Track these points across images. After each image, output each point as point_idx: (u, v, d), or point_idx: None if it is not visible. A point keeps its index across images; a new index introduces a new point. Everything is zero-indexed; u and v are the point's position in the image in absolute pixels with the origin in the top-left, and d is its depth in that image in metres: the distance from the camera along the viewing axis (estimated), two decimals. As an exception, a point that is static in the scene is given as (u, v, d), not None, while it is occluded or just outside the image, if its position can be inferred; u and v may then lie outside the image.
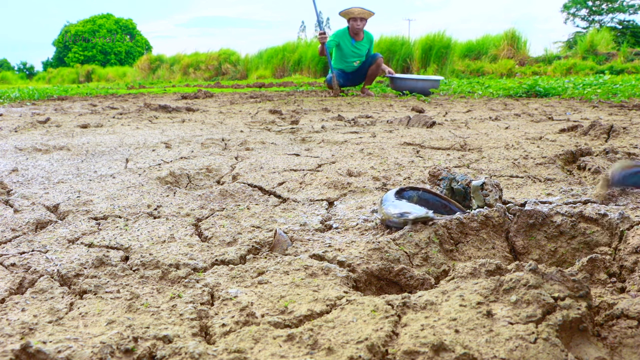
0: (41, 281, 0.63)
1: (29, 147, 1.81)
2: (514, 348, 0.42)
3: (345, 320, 0.50)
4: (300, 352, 0.45)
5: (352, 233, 0.80)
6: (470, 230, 0.79)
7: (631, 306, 0.49)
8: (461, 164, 1.38)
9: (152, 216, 0.94)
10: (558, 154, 1.40)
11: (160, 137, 2.18)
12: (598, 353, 0.45)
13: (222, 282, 0.62)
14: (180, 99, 5.14)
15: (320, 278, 0.62)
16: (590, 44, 9.85)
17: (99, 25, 39.76)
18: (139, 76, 15.61)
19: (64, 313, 0.55)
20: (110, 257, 0.70)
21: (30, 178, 1.30)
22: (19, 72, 40.08)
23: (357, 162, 1.41)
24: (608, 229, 0.75)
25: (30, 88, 8.12)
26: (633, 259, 0.62)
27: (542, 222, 0.80)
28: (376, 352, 0.44)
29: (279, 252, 0.73)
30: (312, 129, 2.55)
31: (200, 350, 0.45)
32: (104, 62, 35.53)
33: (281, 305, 0.54)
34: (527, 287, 0.49)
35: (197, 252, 0.73)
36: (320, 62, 11.60)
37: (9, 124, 2.79)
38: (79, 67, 22.38)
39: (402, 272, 0.64)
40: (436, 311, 0.49)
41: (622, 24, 21.08)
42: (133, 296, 0.58)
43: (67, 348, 0.46)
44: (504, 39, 10.06)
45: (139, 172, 1.35)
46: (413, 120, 2.64)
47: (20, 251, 0.75)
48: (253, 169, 1.33)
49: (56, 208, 1.01)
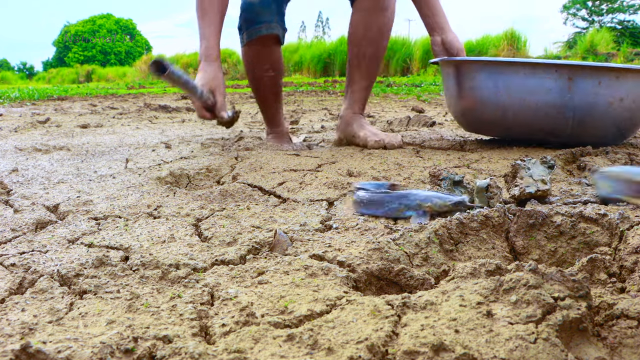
0: (41, 281, 0.63)
1: (29, 147, 1.81)
2: (514, 348, 0.42)
3: (345, 320, 0.50)
4: (300, 352, 0.45)
5: (352, 233, 0.80)
6: (470, 230, 0.79)
7: (631, 306, 0.49)
8: (461, 164, 1.38)
9: (152, 216, 0.94)
10: (558, 154, 1.40)
11: (160, 137, 2.18)
12: (598, 353, 0.45)
13: (222, 282, 0.62)
14: (180, 99, 5.14)
15: (320, 278, 0.62)
16: (590, 44, 9.86)
17: (99, 25, 39.76)
18: (139, 76, 15.61)
19: (64, 313, 0.55)
20: (110, 257, 0.70)
21: (30, 178, 1.30)
22: (19, 72, 40.08)
23: (357, 162, 1.41)
24: (608, 229, 0.75)
25: (30, 88, 8.13)
26: (633, 259, 0.63)
27: (542, 222, 0.80)
28: (376, 352, 0.44)
29: (279, 252, 0.73)
30: (312, 129, 2.55)
31: (200, 350, 0.45)
32: (104, 62, 35.54)
33: (281, 305, 0.54)
34: (527, 287, 0.49)
35: (197, 252, 0.73)
36: (320, 62, 11.60)
37: (9, 124, 2.79)
38: (79, 67, 22.39)
39: (402, 272, 0.64)
40: (436, 311, 0.49)
41: (622, 24, 21.08)
42: (133, 296, 0.58)
43: (67, 348, 0.46)
44: (503, 39, 10.07)
45: (139, 172, 1.35)
46: (413, 120, 2.64)
47: (20, 251, 0.75)
48: (253, 169, 1.33)
49: (56, 208, 1.01)
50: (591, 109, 1.50)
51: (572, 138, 1.55)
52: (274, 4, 1.76)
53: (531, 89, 1.52)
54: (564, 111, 1.50)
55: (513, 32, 10.06)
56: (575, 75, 1.48)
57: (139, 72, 15.92)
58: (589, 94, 1.48)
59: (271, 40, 1.77)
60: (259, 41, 1.76)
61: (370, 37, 1.78)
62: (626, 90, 1.49)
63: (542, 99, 1.52)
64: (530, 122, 1.56)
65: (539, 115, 1.53)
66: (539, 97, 1.52)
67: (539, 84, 1.51)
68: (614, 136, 1.58)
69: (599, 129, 1.53)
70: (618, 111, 1.50)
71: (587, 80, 1.48)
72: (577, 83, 1.48)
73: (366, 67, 1.79)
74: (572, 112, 1.50)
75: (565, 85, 1.48)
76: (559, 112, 1.51)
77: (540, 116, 1.53)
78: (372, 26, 1.77)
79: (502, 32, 10.18)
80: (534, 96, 1.52)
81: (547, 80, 1.50)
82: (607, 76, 1.47)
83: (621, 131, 1.57)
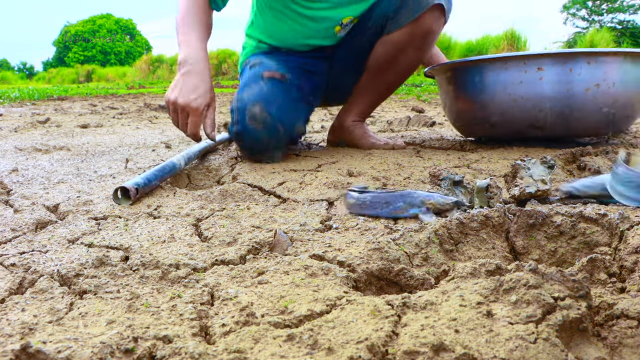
0: (41, 281, 0.63)
1: (29, 147, 1.81)
2: (514, 348, 0.42)
3: (345, 320, 0.50)
4: (300, 352, 0.45)
5: (352, 233, 0.80)
6: (470, 230, 0.79)
7: (631, 306, 0.49)
8: (461, 164, 1.38)
9: (152, 216, 0.94)
10: (558, 154, 1.40)
11: (160, 137, 2.18)
12: (598, 353, 0.45)
13: (222, 282, 0.62)
14: (180, 99, 5.14)
15: (320, 278, 0.62)
16: (590, 44, 9.86)
17: (99, 25, 39.76)
18: (139, 76, 15.60)
19: (64, 313, 0.55)
20: (110, 257, 0.70)
21: (30, 178, 1.30)
22: (19, 72, 40.09)
23: (357, 162, 1.41)
24: (608, 229, 0.75)
25: (30, 88, 8.13)
26: (633, 259, 0.63)
27: (542, 222, 0.80)
28: (376, 352, 0.44)
29: (279, 252, 0.73)
30: (312, 129, 2.55)
31: (200, 350, 0.45)
32: (104, 62, 35.53)
33: (281, 305, 0.54)
34: (527, 287, 0.49)
35: (197, 252, 0.73)
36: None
37: (9, 124, 2.79)
38: (79, 67, 22.38)
39: (402, 272, 0.64)
40: (436, 311, 0.49)
41: (622, 24, 21.08)
42: (133, 296, 0.58)
43: (67, 348, 0.46)
44: (503, 39, 10.07)
45: (139, 172, 1.35)
46: (413, 120, 2.64)
47: (20, 251, 0.75)
48: (253, 169, 1.33)
49: (56, 208, 1.01)
50: (567, 98, 1.47)
51: (557, 129, 1.52)
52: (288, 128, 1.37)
53: (505, 83, 1.52)
54: (539, 103, 1.49)
55: (513, 32, 10.07)
56: (544, 64, 1.47)
57: (139, 72, 15.92)
58: (561, 83, 1.47)
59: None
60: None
61: (396, 70, 1.55)
62: (602, 75, 1.46)
63: (516, 92, 1.51)
64: (510, 118, 1.55)
65: (517, 109, 1.53)
66: (513, 91, 1.51)
67: (512, 78, 1.51)
68: (605, 124, 1.53)
69: (582, 118, 1.50)
70: (598, 97, 1.47)
71: (557, 69, 1.46)
72: (547, 73, 1.47)
73: (381, 90, 1.62)
74: (547, 102, 1.48)
75: (535, 76, 1.48)
76: (534, 105, 1.50)
77: (518, 110, 1.52)
78: (401, 62, 1.53)
79: (502, 32, 10.19)
80: (509, 90, 1.52)
81: (518, 73, 1.50)
82: (577, 63, 1.45)
83: (610, 118, 1.52)
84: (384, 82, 1.59)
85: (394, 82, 1.61)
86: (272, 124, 1.32)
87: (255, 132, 1.33)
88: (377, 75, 1.56)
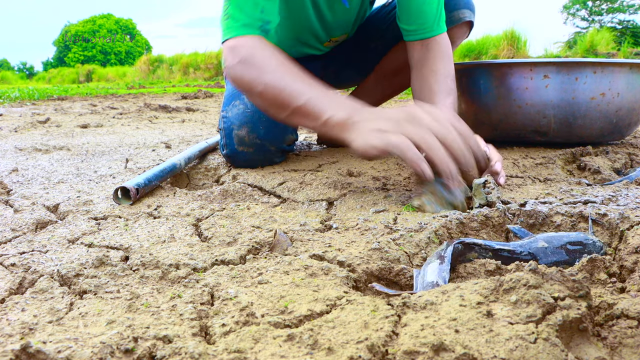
0: (41, 281, 0.63)
1: (29, 147, 1.81)
2: (514, 348, 0.42)
3: (345, 320, 0.50)
4: (300, 352, 0.45)
5: (352, 233, 0.80)
6: (470, 231, 0.79)
7: (631, 306, 0.49)
8: (461, 164, 1.38)
9: (152, 216, 0.94)
10: (558, 154, 1.40)
11: (160, 137, 2.18)
12: (598, 353, 0.45)
13: (222, 282, 0.62)
14: (180, 99, 5.14)
15: (320, 278, 0.62)
16: (590, 44, 9.85)
17: (99, 25, 39.76)
18: (139, 76, 15.60)
19: (64, 313, 0.55)
20: (110, 257, 0.70)
21: (30, 178, 1.30)
22: (19, 72, 40.09)
23: (357, 162, 1.41)
24: (608, 229, 0.75)
25: (30, 88, 8.12)
26: (633, 259, 0.63)
27: (542, 222, 0.80)
28: (376, 352, 0.44)
29: (279, 252, 0.73)
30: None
31: (200, 350, 0.45)
32: (104, 62, 35.54)
33: (281, 305, 0.54)
34: (527, 287, 0.49)
35: (197, 252, 0.73)
36: (320, 62, 11.57)
37: (9, 124, 2.79)
38: (79, 67, 22.38)
39: (402, 272, 0.64)
40: (436, 311, 0.49)
41: (622, 24, 21.07)
42: (133, 296, 0.58)
43: (67, 348, 0.46)
44: (503, 39, 10.05)
45: (139, 172, 1.35)
46: (413, 120, 2.64)
47: (20, 251, 0.75)
48: (253, 169, 1.33)
49: (56, 208, 1.01)
50: (572, 106, 1.48)
51: (561, 136, 1.54)
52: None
53: (511, 88, 1.54)
54: (543, 110, 1.50)
55: (513, 32, 10.04)
56: (551, 73, 1.48)
57: (139, 72, 15.92)
58: (567, 91, 1.48)
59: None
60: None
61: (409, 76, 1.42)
62: (607, 85, 1.47)
63: (520, 98, 1.52)
64: (514, 123, 1.57)
65: (521, 115, 1.54)
66: (518, 97, 1.53)
67: (518, 84, 1.52)
68: (609, 131, 1.56)
69: (587, 126, 1.52)
70: (603, 106, 1.49)
71: (564, 78, 1.47)
72: (553, 81, 1.48)
73: (388, 93, 1.63)
74: (552, 110, 1.50)
75: (542, 83, 1.49)
76: (538, 112, 1.51)
77: (522, 115, 1.54)
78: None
79: (502, 32, 10.17)
80: (514, 96, 1.54)
81: (524, 80, 1.51)
82: (584, 72, 1.46)
83: (615, 126, 1.54)
84: (393, 85, 1.62)
85: (403, 86, 1.64)
86: (261, 146, 1.30)
87: (246, 154, 1.32)
88: (389, 78, 1.58)
